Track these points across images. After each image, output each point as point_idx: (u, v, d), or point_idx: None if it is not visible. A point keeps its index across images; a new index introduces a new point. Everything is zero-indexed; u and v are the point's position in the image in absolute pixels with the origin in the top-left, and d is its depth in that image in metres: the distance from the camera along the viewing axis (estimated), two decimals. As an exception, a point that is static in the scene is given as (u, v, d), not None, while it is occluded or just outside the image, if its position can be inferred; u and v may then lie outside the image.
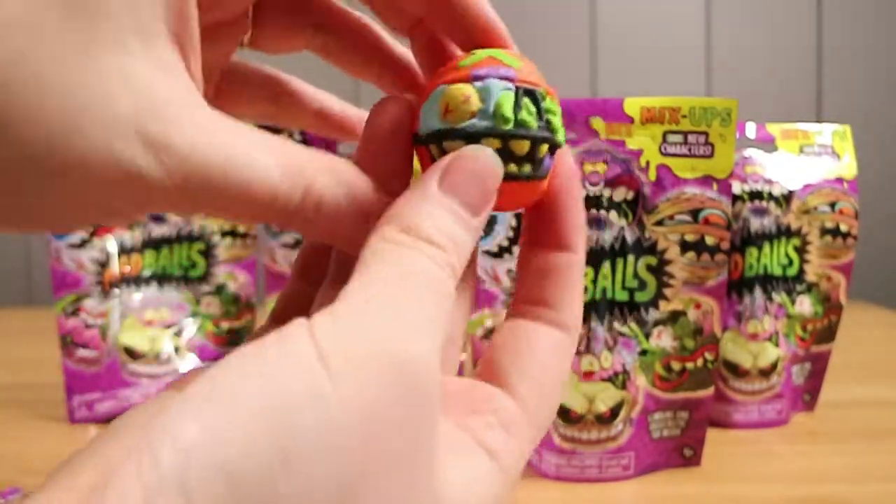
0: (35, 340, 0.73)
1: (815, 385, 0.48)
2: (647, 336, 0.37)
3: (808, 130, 0.47)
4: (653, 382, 0.37)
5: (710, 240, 0.36)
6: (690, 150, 0.36)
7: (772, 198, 0.45)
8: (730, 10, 1.03)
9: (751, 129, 0.45)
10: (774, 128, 0.46)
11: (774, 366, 0.45)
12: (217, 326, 0.50)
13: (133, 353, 0.48)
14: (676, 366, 0.37)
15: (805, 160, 0.46)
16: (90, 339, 0.48)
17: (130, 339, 0.48)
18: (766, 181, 0.45)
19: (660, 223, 0.36)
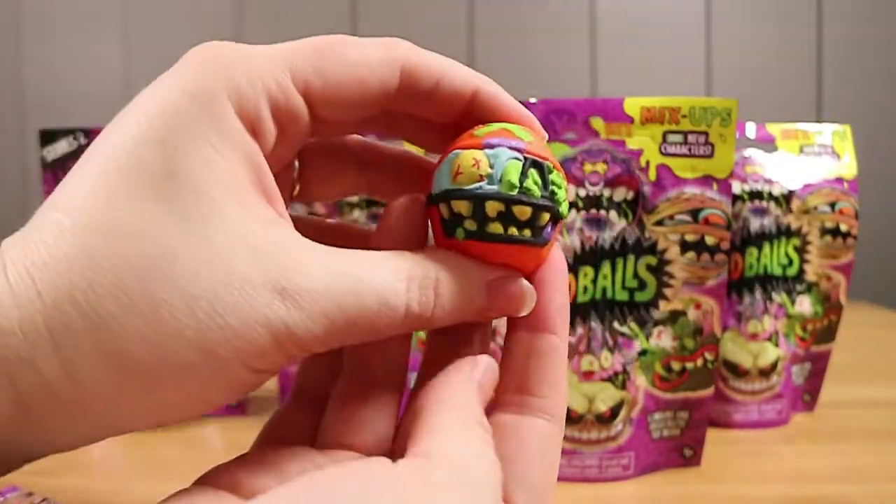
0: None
1: (815, 385, 0.48)
2: (647, 336, 0.37)
3: (808, 130, 0.47)
4: (653, 382, 0.37)
5: (710, 240, 0.36)
6: (690, 150, 0.36)
7: (772, 198, 0.45)
8: (730, 10, 1.03)
9: (751, 129, 0.45)
10: (774, 128, 0.46)
11: (774, 366, 0.45)
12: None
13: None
14: (676, 366, 0.37)
15: (805, 160, 0.46)
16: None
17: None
18: (766, 181, 0.45)
19: (660, 223, 0.36)
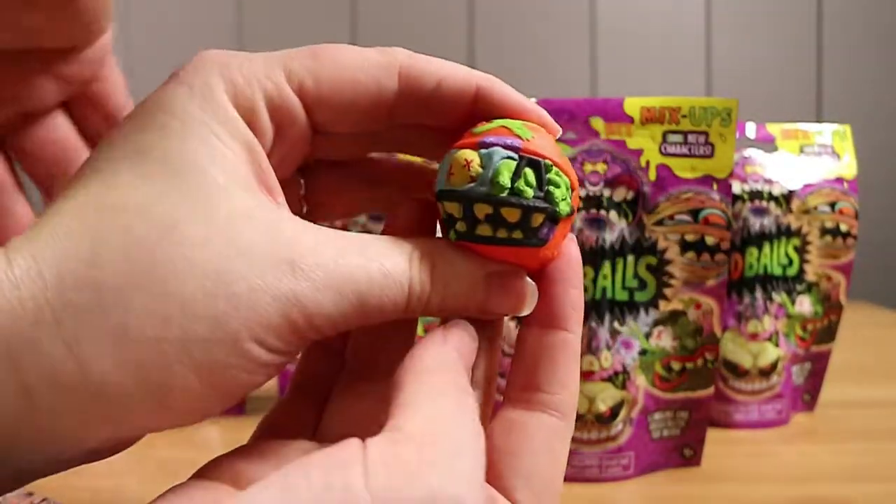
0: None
1: (815, 385, 0.48)
2: (647, 336, 0.37)
3: (808, 130, 0.47)
4: (653, 382, 0.37)
5: (710, 240, 0.36)
6: (690, 150, 0.36)
7: (772, 198, 0.45)
8: (730, 10, 1.03)
9: (751, 129, 0.45)
10: (774, 128, 0.46)
11: (774, 366, 0.45)
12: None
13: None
14: (676, 366, 0.38)
15: (805, 160, 0.46)
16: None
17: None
18: (766, 181, 0.45)
19: (660, 223, 0.36)
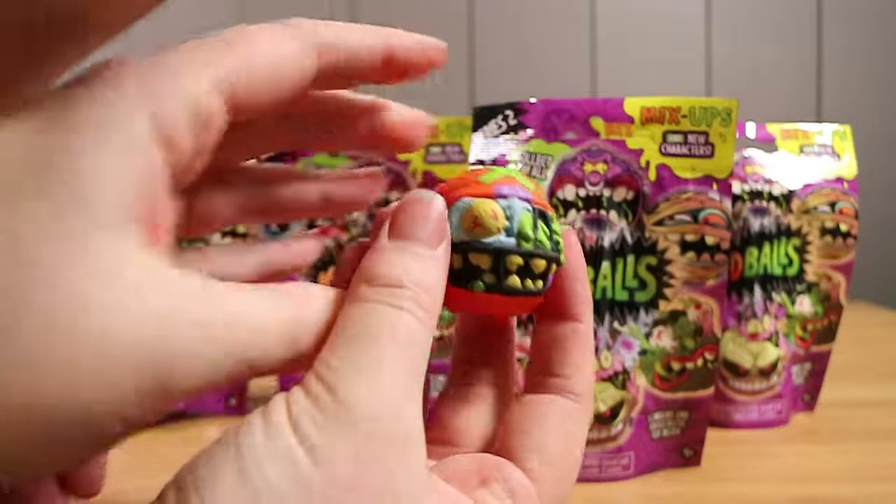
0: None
1: (815, 385, 0.48)
2: (647, 336, 0.37)
3: (808, 130, 0.47)
4: (653, 382, 0.37)
5: (710, 240, 0.36)
6: (690, 150, 0.36)
7: (772, 198, 0.45)
8: (730, 11, 1.03)
9: (751, 129, 0.45)
10: (774, 128, 0.46)
11: (774, 366, 0.45)
12: (217, 326, 0.50)
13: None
14: (676, 366, 0.37)
15: (805, 160, 0.46)
16: (90, 339, 0.48)
17: (130, 339, 0.48)
18: (766, 181, 0.45)
19: (660, 223, 0.36)
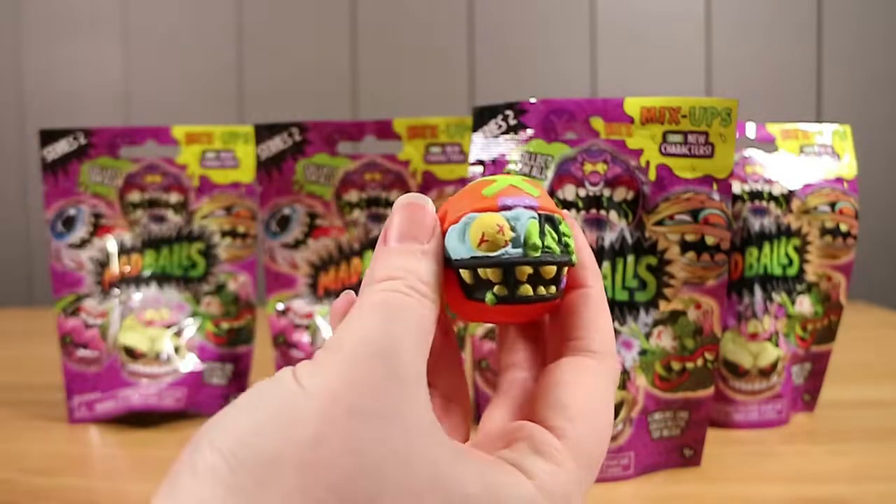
0: (35, 340, 0.73)
1: (815, 385, 0.48)
2: (647, 336, 0.37)
3: (808, 130, 0.47)
4: (653, 382, 0.37)
5: (710, 240, 0.36)
6: (690, 150, 0.36)
7: (772, 198, 0.45)
8: (730, 10, 1.03)
9: (751, 129, 0.45)
10: (774, 128, 0.46)
11: (774, 366, 0.45)
12: (217, 326, 0.50)
13: (133, 353, 0.48)
14: (676, 366, 0.37)
15: (805, 160, 0.46)
16: (90, 339, 0.48)
17: (130, 339, 0.48)
18: (766, 181, 0.45)
19: (660, 223, 0.36)
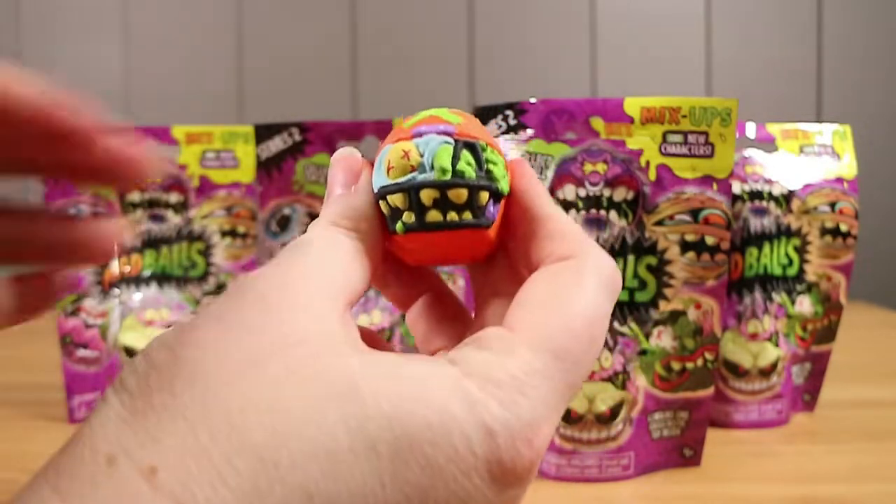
0: (35, 340, 0.73)
1: (815, 385, 0.48)
2: (647, 336, 0.37)
3: (808, 130, 0.47)
4: (653, 382, 0.37)
5: (710, 240, 0.36)
6: (690, 150, 0.36)
7: (772, 198, 0.45)
8: (730, 10, 1.03)
9: (751, 129, 0.45)
10: (774, 128, 0.46)
11: (774, 366, 0.45)
12: (217, 326, 0.50)
13: (133, 353, 0.48)
14: (676, 366, 0.37)
15: (805, 160, 0.46)
16: (90, 339, 0.48)
17: (130, 339, 0.48)
18: (766, 181, 0.45)
19: (660, 223, 0.36)
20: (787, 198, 0.45)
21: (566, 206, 0.37)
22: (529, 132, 0.36)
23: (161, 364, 0.14)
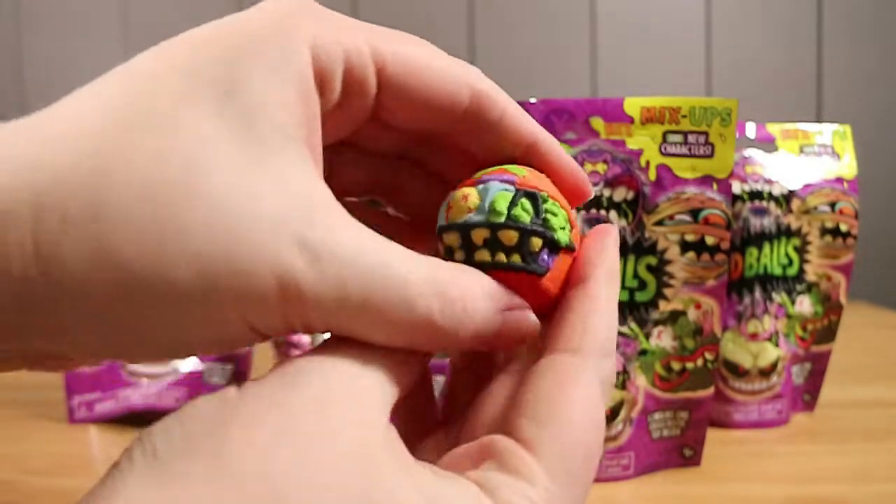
0: (35, 340, 0.73)
1: (815, 385, 0.48)
2: (647, 336, 0.37)
3: (808, 130, 0.47)
4: (653, 382, 0.37)
5: (710, 240, 0.36)
6: (690, 150, 0.36)
7: (772, 198, 0.45)
8: (730, 10, 1.03)
9: (751, 129, 0.45)
10: (774, 128, 0.46)
11: (774, 366, 0.45)
12: (217, 326, 0.50)
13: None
14: (676, 366, 0.37)
15: (805, 160, 0.46)
16: (90, 339, 0.48)
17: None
18: (766, 181, 0.45)
19: (660, 223, 0.36)
20: (787, 198, 0.45)
21: (566, 206, 0.37)
22: (529, 132, 0.36)
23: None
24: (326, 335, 0.16)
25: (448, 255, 0.18)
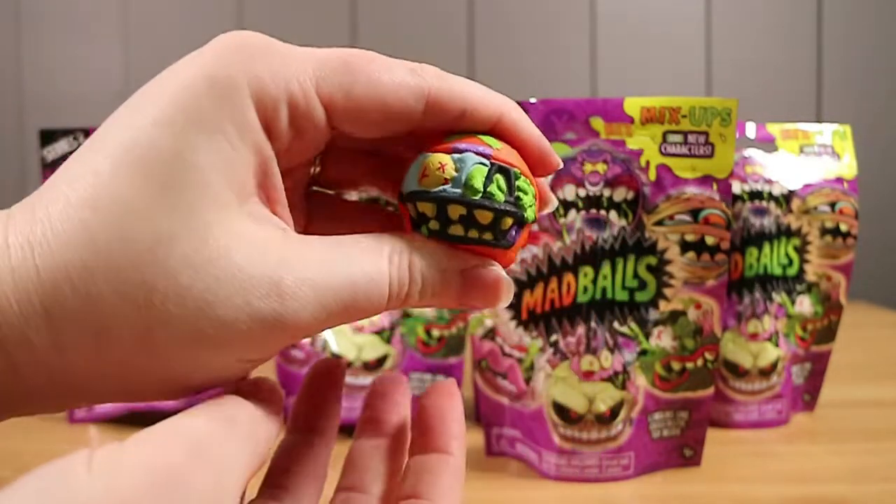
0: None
1: (815, 385, 0.48)
2: (647, 336, 0.37)
3: (808, 130, 0.47)
4: (653, 382, 0.37)
5: (710, 240, 0.36)
6: (690, 150, 0.36)
7: (772, 198, 0.45)
8: (730, 10, 1.03)
9: (751, 129, 0.45)
10: (774, 128, 0.46)
11: (774, 366, 0.45)
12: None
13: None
14: (676, 366, 0.37)
15: (805, 160, 0.46)
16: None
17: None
18: (766, 181, 0.45)
19: (660, 223, 0.36)
20: (787, 198, 0.45)
21: (566, 206, 0.37)
22: (529, 132, 0.36)
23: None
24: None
25: (419, 220, 0.19)
